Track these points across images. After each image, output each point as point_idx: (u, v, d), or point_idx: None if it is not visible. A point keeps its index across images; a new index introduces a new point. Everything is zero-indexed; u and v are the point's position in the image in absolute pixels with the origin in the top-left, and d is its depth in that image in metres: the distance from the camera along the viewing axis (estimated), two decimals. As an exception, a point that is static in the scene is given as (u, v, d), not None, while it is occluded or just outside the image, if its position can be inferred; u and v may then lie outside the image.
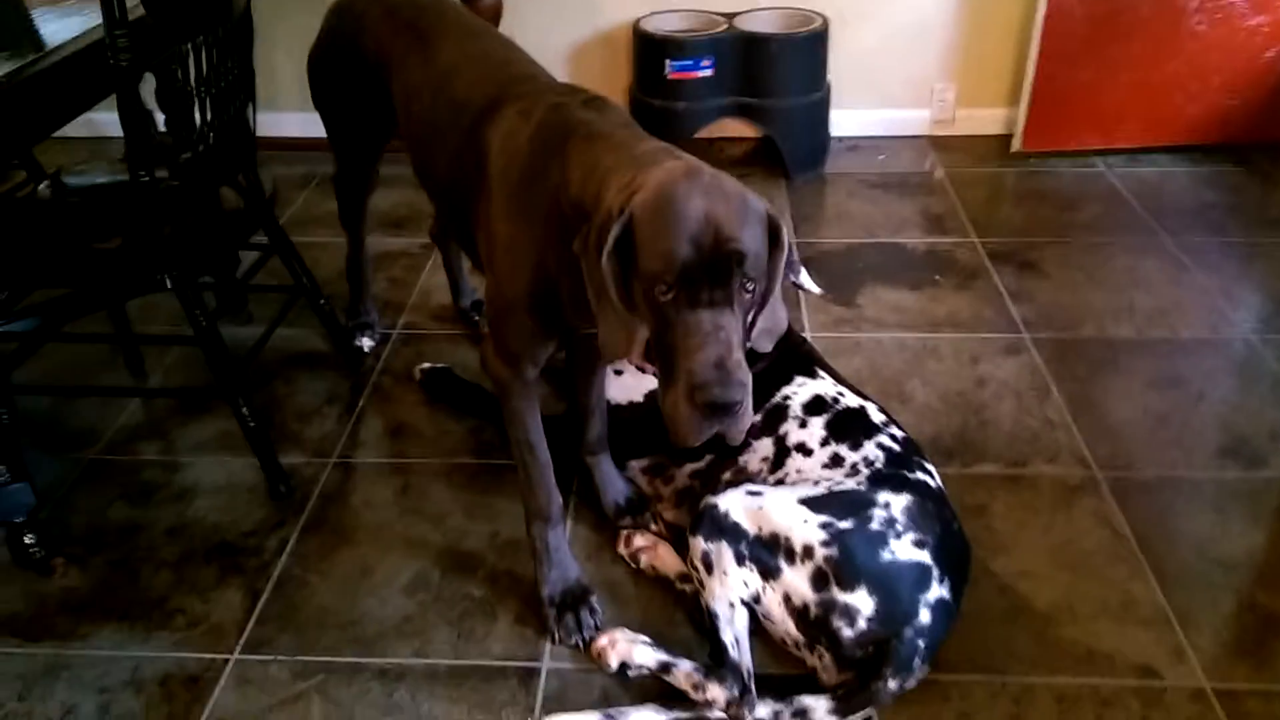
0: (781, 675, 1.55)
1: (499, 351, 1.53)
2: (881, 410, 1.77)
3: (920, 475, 1.62)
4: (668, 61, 3.04)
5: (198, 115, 1.71)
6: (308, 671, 1.60)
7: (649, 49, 3.08)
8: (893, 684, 1.45)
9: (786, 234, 1.28)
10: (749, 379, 1.22)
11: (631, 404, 1.86)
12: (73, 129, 1.97)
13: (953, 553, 1.55)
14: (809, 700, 1.48)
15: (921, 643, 1.46)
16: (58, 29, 1.96)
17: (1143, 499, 1.89)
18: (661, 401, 1.25)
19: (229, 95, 1.80)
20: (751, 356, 1.79)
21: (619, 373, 1.90)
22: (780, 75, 3.08)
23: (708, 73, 3.06)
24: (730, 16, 3.15)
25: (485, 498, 1.93)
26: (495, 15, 3.08)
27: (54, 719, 1.53)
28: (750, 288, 1.22)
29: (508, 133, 1.43)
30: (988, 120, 3.45)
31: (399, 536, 1.86)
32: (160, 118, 1.85)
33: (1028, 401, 2.17)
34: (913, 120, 3.48)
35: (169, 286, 1.75)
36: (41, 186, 2.00)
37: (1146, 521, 1.84)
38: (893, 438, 1.69)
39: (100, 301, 2.02)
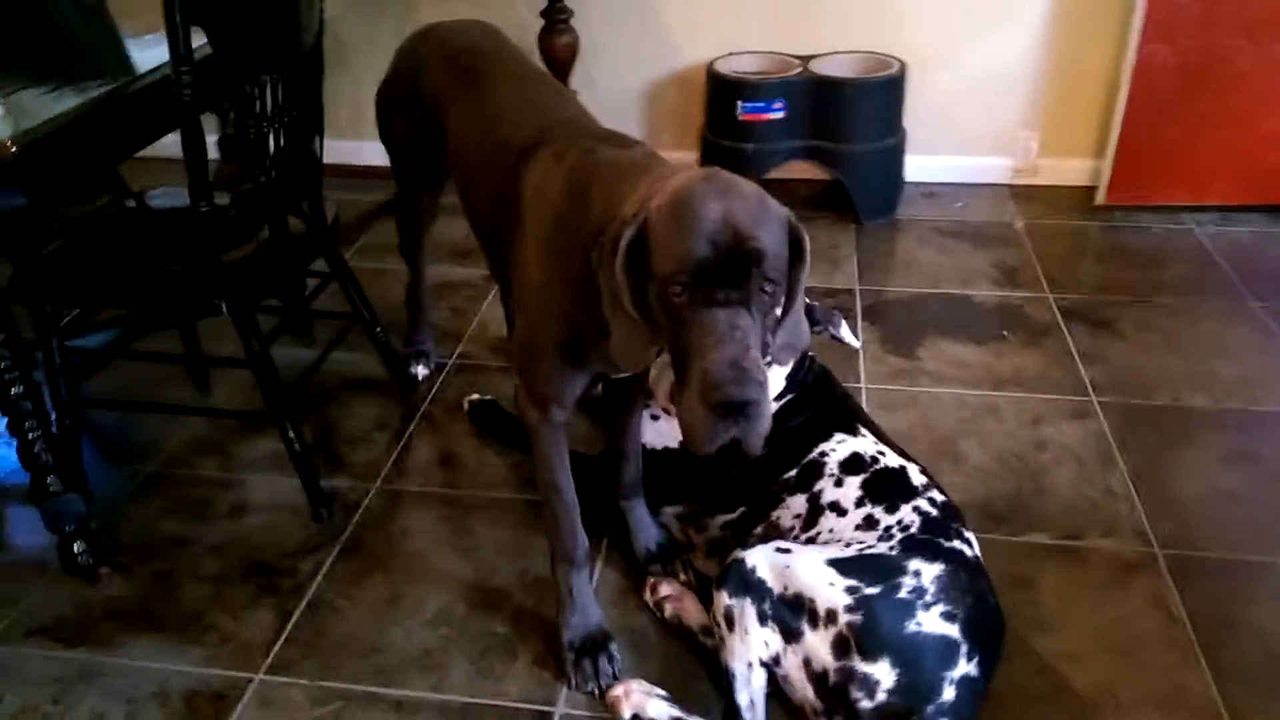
0: (797, 741, 1.51)
1: (529, 393, 1.53)
2: (924, 472, 1.71)
3: (957, 544, 1.55)
4: (739, 103, 3.03)
5: (264, 146, 1.77)
6: (326, 698, 1.61)
7: (721, 90, 3.09)
8: (910, 761, 1.39)
9: (808, 244, 1.25)
10: (767, 379, 1.19)
11: (667, 449, 1.84)
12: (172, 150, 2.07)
13: (985, 628, 1.48)
14: (823, 770, 1.43)
15: (942, 720, 1.40)
16: (149, 57, 2.07)
17: (1204, 582, 1.79)
18: (678, 407, 1.23)
19: (293, 129, 1.86)
20: (791, 409, 1.78)
21: (655, 417, 1.88)
22: (853, 119, 3.05)
23: (779, 115, 3.04)
24: (805, 59, 3.13)
25: (520, 534, 1.93)
26: (570, 55, 3.13)
27: (82, 725, 1.58)
28: (769, 289, 1.19)
29: (541, 175, 1.44)
30: (1072, 171, 3.34)
31: (430, 567, 1.87)
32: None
33: (1089, 469, 2.07)
34: (993, 168, 3.39)
35: (224, 312, 1.80)
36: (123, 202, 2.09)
37: (1206, 607, 1.73)
38: (932, 502, 1.63)
39: (164, 321, 2.10)
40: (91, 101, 1.61)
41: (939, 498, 1.65)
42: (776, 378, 1.78)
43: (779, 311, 1.27)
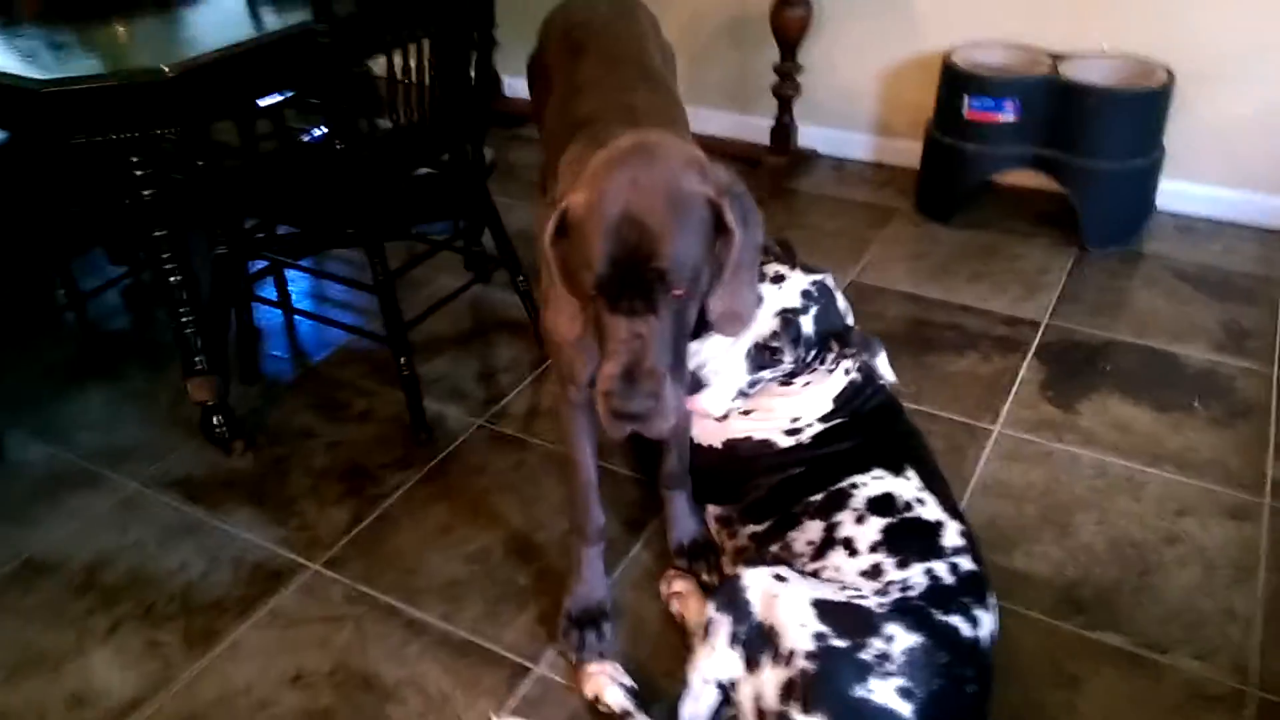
0: (737, 770, 1.47)
1: (556, 372, 1.58)
2: (965, 535, 1.57)
3: (955, 619, 1.42)
4: (966, 98, 2.81)
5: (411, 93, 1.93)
6: (356, 600, 1.80)
7: (950, 82, 2.87)
8: (822, 825, 1.33)
9: (737, 215, 1.24)
10: (660, 386, 1.21)
11: (711, 448, 1.82)
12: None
13: (949, 715, 1.36)
14: (741, 804, 1.40)
15: (867, 797, 1.31)
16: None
17: (1293, 741, 1.51)
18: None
19: (447, 80, 2.00)
20: (836, 433, 1.69)
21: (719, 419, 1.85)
22: (1094, 132, 2.71)
23: (1010, 117, 2.78)
24: (1058, 58, 2.83)
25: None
26: (799, 29, 3.06)
27: (170, 568, 1.87)
28: (679, 292, 1.20)
29: (570, 155, 1.46)
30: (1376, 228, 2.78)
31: (489, 508, 2.00)
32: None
33: (1217, 580, 1.79)
34: (1276, 210, 2.90)
35: (357, 241, 2.01)
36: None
37: (1280, 770, 1.47)
38: (954, 568, 1.50)
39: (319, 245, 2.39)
40: (245, 41, 1.83)
41: (966, 565, 1.51)
42: (822, 400, 1.69)
43: (701, 299, 1.28)
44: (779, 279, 1.62)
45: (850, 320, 1.69)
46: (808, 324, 1.59)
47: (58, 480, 2.09)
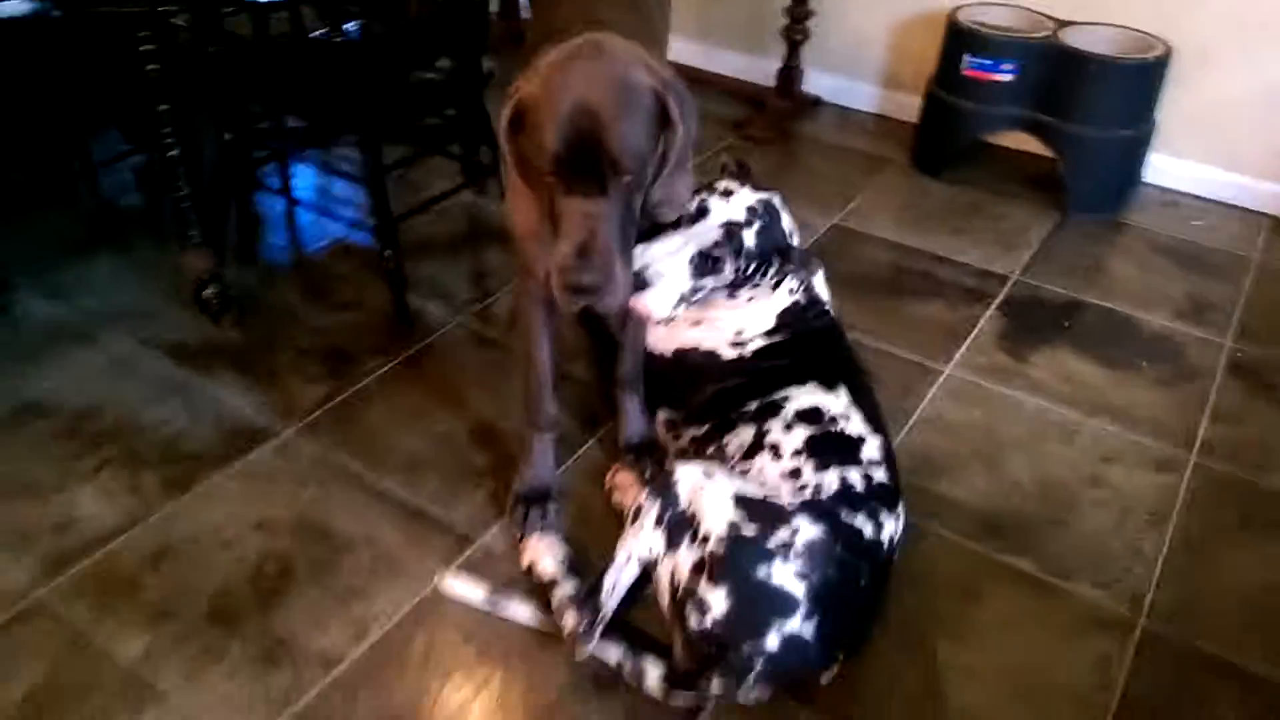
0: (650, 637, 1.60)
1: (517, 265, 1.68)
2: (884, 448, 1.68)
3: (860, 520, 1.54)
4: (965, 56, 2.86)
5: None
6: (325, 464, 1.93)
7: (952, 40, 2.92)
8: (716, 686, 1.46)
9: (679, 108, 1.34)
10: (612, 262, 1.32)
11: (662, 355, 1.92)
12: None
13: (840, 601, 1.48)
14: (649, 664, 1.53)
15: (759, 663, 1.44)
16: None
17: (1168, 667, 1.62)
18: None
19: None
20: (778, 348, 1.79)
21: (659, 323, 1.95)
22: (1086, 99, 2.77)
23: (1007, 77, 2.84)
24: (1062, 24, 2.88)
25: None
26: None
27: (155, 421, 2.01)
28: (627, 176, 1.30)
29: (541, 62, 1.55)
30: (1355, 218, 2.84)
31: (460, 397, 2.12)
32: None
33: (1131, 523, 1.89)
34: (1262, 194, 2.95)
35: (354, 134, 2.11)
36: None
37: (1148, 689, 1.58)
38: (867, 478, 1.61)
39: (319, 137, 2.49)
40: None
41: (879, 476, 1.63)
42: (765, 315, 1.80)
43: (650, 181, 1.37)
44: (728, 193, 1.72)
45: (795, 240, 1.79)
46: (750, 237, 1.69)
47: (58, 335, 2.23)
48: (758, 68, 3.51)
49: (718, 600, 1.46)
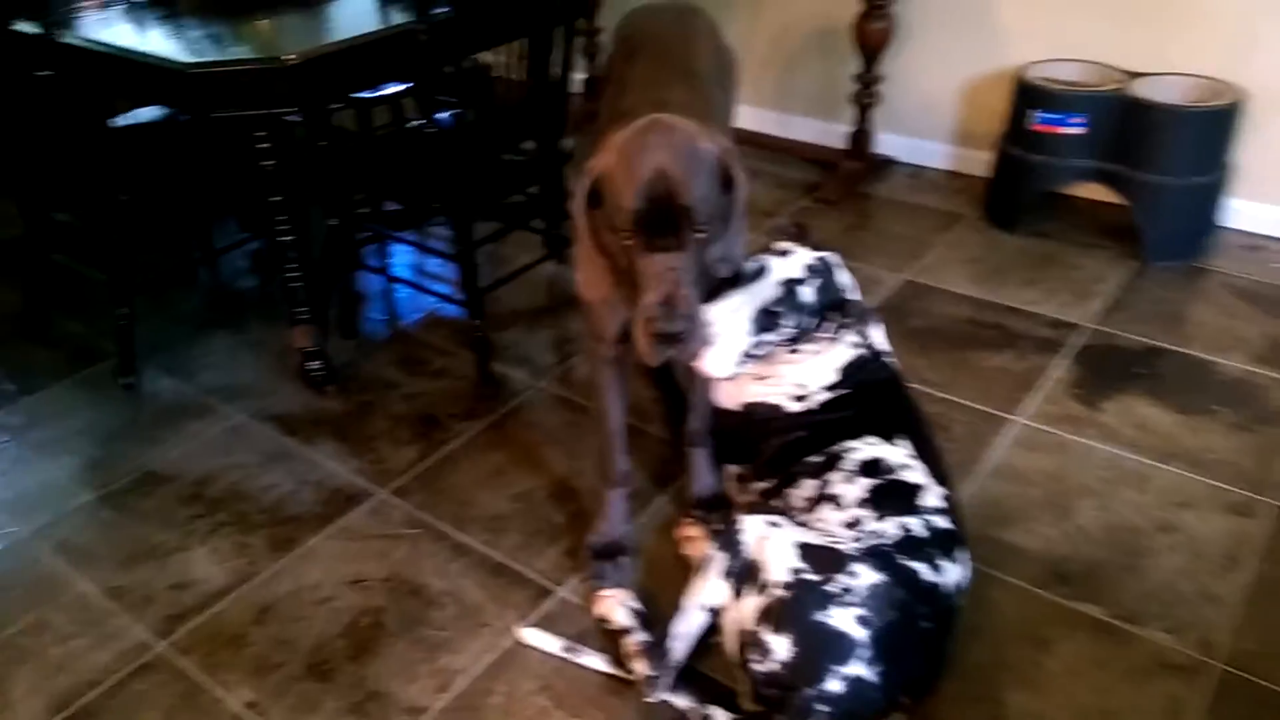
0: (718, 683, 1.66)
1: (587, 330, 1.81)
2: (946, 498, 1.72)
3: (919, 565, 1.59)
4: (1034, 112, 2.91)
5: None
6: (413, 523, 2.07)
7: (1021, 96, 2.97)
8: (781, 730, 1.51)
9: (740, 176, 1.47)
10: (696, 310, 1.45)
11: (729, 411, 2.00)
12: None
13: (902, 645, 1.52)
14: (716, 711, 1.59)
15: (823, 707, 1.49)
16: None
17: (1243, 709, 1.60)
18: (632, 328, 1.50)
19: (535, 75, 2.27)
20: (839, 402, 1.86)
21: (725, 378, 2.03)
22: (1157, 148, 2.78)
23: (1078, 130, 2.87)
24: (1131, 75, 2.90)
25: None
26: (881, 41, 3.20)
27: (263, 486, 2.19)
28: (701, 231, 1.43)
29: (610, 142, 1.68)
30: None
31: (539, 457, 2.24)
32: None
33: (1204, 568, 1.87)
34: (1348, 233, 2.89)
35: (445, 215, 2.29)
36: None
37: (1227, 734, 1.57)
38: (927, 524, 1.66)
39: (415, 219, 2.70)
40: (355, 38, 2.13)
41: (940, 523, 1.67)
42: (826, 369, 1.86)
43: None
44: (785, 253, 1.81)
45: (854, 295, 1.87)
46: (808, 293, 1.77)
47: (179, 409, 2.45)
48: (831, 132, 3.61)
49: (780, 645, 1.52)
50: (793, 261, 1.80)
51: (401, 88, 2.81)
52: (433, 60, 2.08)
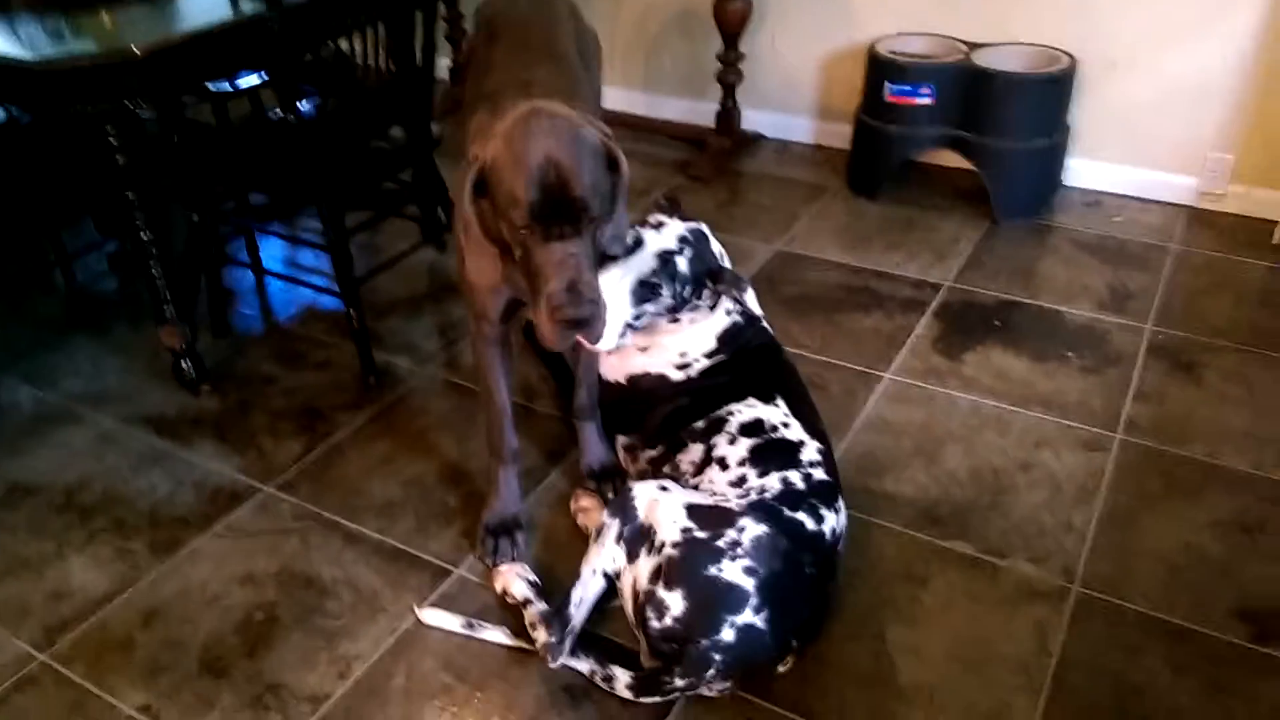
0: (618, 645, 1.72)
1: (469, 310, 1.82)
2: (822, 451, 1.81)
3: (802, 515, 1.67)
4: (887, 84, 3.05)
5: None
6: (302, 516, 2.04)
7: (874, 70, 3.11)
8: (680, 682, 1.57)
9: (623, 161, 1.51)
10: (598, 292, 1.48)
11: (616, 383, 2.05)
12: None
13: (788, 592, 1.60)
14: (617, 670, 1.64)
15: (717, 656, 1.55)
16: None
17: (1100, 626, 1.74)
18: (533, 315, 1.52)
19: (397, 61, 2.25)
20: (719, 368, 1.92)
21: (610, 351, 2.08)
22: (1001, 114, 2.96)
23: (926, 101, 3.02)
24: (973, 46, 3.07)
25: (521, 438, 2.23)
26: (739, 20, 3.29)
27: (140, 490, 2.12)
28: (594, 216, 1.46)
29: (475, 125, 1.69)
30: (1262, 203, 3.01)
31: (428, 442, 2.24)
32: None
33: (1061, 500, 2.02)
34: (1176, 187, 3.13)
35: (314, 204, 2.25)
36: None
37: (1084, 649, 1.70)
38: (807, 478, 1.74)
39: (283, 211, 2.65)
40: (204, 28, 2.07)
41: (819, 475, 1.76)
42: (706, 337, 1.93)
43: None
44: (659, 225, 1.86)
45: (726, 264, 1.93)
46: (683, 263, 1.83)
47: (43, 419, 2.34)
48: (700, 111, 3.68)
49: (675, 601, 1.58)
50: (667, 234, 1.85)
51: (260, 80, 2.74)
52: (287, 49, 2.04)
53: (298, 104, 2.18)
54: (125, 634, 1.79)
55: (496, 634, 1.75)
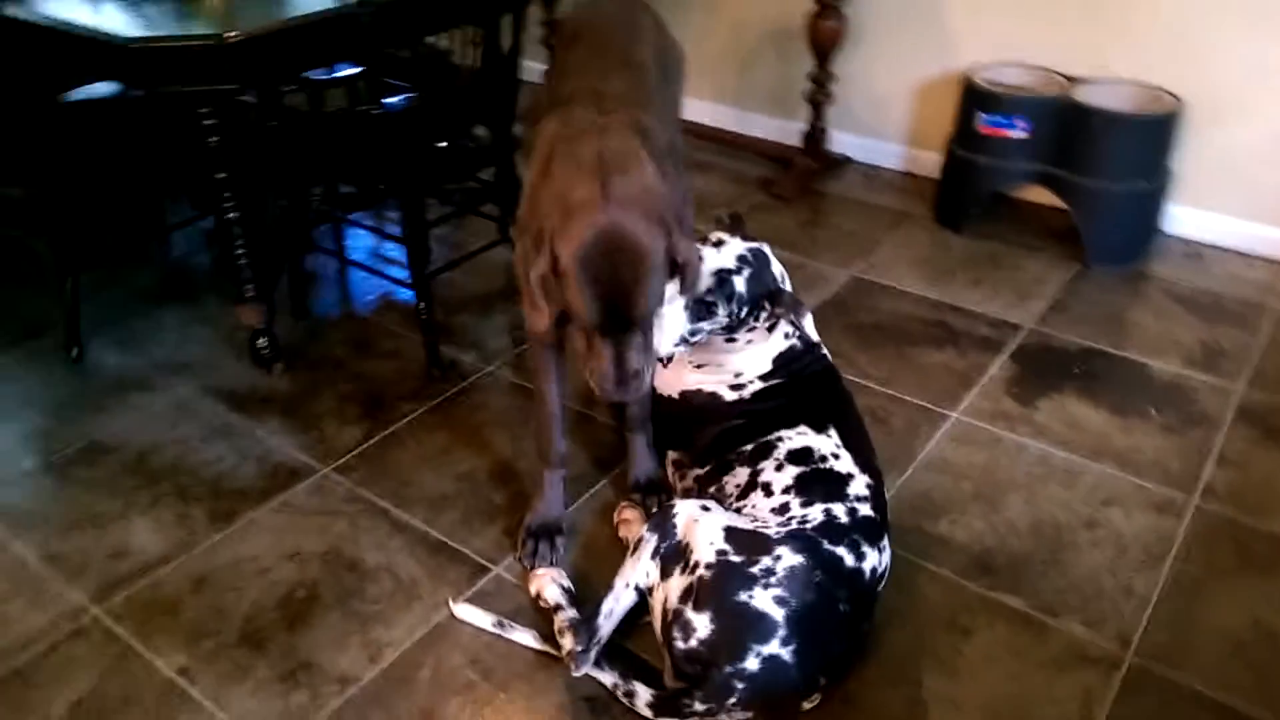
0: (644, 661, 1.70)
1: (527, 320, 1.83)
2: (871, 488, 1.77)
3: (841, 551, 1.63)
4: (979, 114, 2.97)
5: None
6: (354, 500, 2.08)
7: (967, 98, 3.03)
8: (700, 706, 1.55)
9: (691, 258, 1.53)
10: (643, 376, 1.53)
11: (669, 398, 2.04)
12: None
13: (819, 627, 1.56)
14: (640, 686, 1.63)
15: (739, 685, 1.52)
16: None
17: (1151, 702, 1.66)
18: (581, 363, 1.57)
19: (486, 61, 2.29)
20: (772, 392, 1.90)
21: (664, 364, 2.06)
22: (1098, 154, 2.85)
23: (1020, 133, 2.93)
24: (1074, 80, 2.97)
25: (567, 441, 2.24)
26: (831, 40, 3.25)
27: (208, 460, 2.19)
28: (650, 321, 1.53)
29: (546, 131, 1.70)
30: (1380, 267, 2.84)
31: (483, 439, 2.26)
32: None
33: (1125, 562, 1.93)
34: (1282, 242, 2.98)
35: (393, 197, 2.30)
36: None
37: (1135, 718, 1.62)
38: (851, 512, 1.70)
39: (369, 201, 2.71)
40: (298, 17, 2.13)
41: (864, 511, 1.71)
42: (762, 359, 1.91)
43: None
44: (719, 243, 1.85)
45: (786, 286, 1.91)
46: (740, 283, 1.81)
47: (126, 382, 2.45)
48: (788, 130, 3.66)
49: (702, 623, 1.56)
50: (726, 253, 1.83)
51: (357, 70, 2.82)
52: (376, 42, 2.09)
53: (385, 98, 2.24)
54: (175, 597, 1.86)
55: (525, 636, 1.76)
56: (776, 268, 1.90)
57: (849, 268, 2.97)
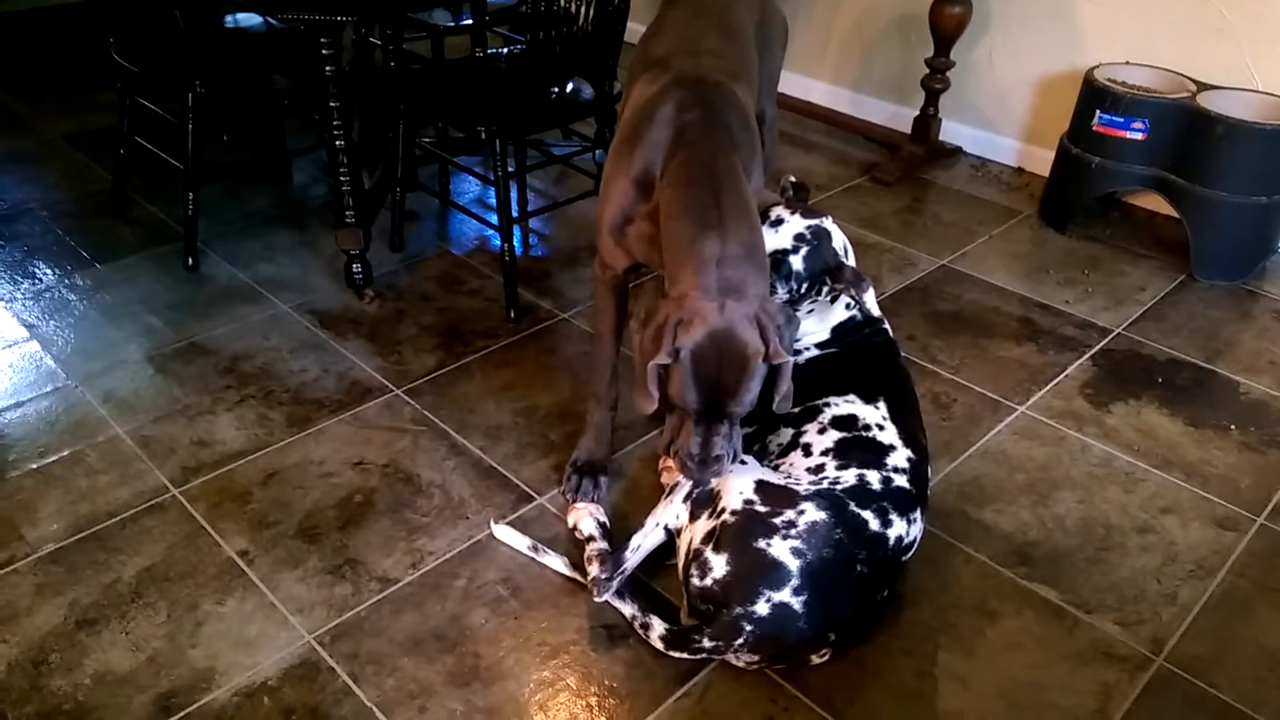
0: (664, 599, 1.76)
1: (598, 251, 1.90)
2: (913, 460, 1.76)
3: (868, 515, 1.64)
4: (1097, 112, 2.88)
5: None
6: (420, 421, 2.20)
7: (1086, 95, 2.93)
8: (708, 644, 1.59)
9: (785, 356, 1.56)
10: (724, 465, 1.59)
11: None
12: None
13: (832, 583, 1.58)
14: (655, 620, 1.68)
15: (748, 627, 1.56)
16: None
17: (1175, 706, 1.62)
18: (667, 435, 1.63)
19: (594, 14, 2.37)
20: (827, 359, 1.92)
21: None
22: (1219, 163, 2.72)
23: (1137, 135, 2.83)
24: (1203, 87, 2.84)
25: (623, 388, 2.29)
26: (955, 26, 3.19)
27: (293, 370, 2.35)
28: (742, 415, 1.59)
29: (639, 90, 1.75)
30: None
31: (548, 378, 2.35)
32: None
33: (1173, 570, 1.88)
34: None
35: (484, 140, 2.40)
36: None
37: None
38: (886, 481, 1.71)
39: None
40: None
41: (899, 482, 1.72)
42: (822, 328, 1.92)
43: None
44: (778, 223, 1.87)
45: (850, 260, 1.91)
46: (797, 262, 1.83)
47: (232, 293, 2.63)
48: (902, 116, 3.61)
49: (719, 563, 1.60)
50: (784, 232, 1.86)
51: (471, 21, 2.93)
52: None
53: (489, 47, 2.32)
54: (245, 488, 2.01)
55: (557, 562, 1.83)
56: (839, 241, 1.91)
57: (939, 256, 2.93)
